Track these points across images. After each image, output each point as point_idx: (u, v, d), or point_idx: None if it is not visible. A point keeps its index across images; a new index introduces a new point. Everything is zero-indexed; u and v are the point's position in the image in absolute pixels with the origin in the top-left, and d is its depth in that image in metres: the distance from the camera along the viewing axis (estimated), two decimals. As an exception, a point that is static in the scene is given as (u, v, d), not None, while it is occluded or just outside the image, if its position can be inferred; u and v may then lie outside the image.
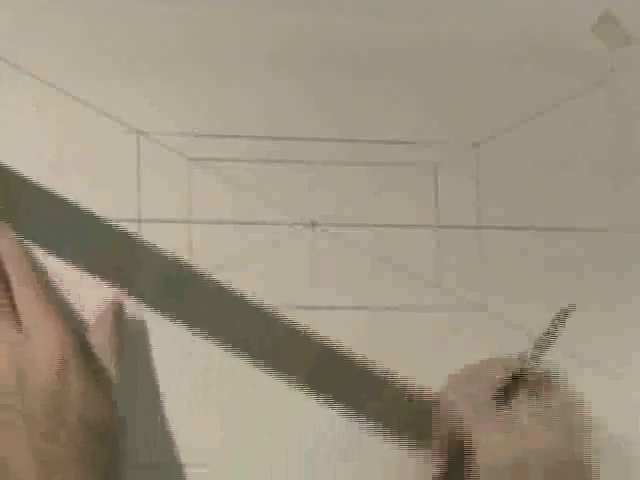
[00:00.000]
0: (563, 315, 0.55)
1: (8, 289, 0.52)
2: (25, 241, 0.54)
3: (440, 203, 0.58)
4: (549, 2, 0.61)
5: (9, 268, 0.52)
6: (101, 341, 0.53)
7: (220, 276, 0.56)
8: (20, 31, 0.55)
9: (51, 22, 0.56)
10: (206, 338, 0.55)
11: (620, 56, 0.61)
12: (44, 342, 0.50)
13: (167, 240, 0.56)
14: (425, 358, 0.58)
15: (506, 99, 0.60)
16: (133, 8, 0.57)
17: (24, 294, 0.52)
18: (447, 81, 0.59)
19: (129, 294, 0.55)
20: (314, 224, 0.57)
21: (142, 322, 0.55)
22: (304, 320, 0.56)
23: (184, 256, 0.55)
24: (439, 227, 0.58)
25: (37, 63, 0.55)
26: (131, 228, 0.55)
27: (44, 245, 0.54)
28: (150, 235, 0.55)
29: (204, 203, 0.56)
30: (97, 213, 0.55)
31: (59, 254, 0.54)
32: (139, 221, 0.56)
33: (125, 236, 0.55)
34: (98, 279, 0.55)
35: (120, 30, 0.57)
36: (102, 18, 0.56)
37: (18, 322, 0.51)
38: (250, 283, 0.56)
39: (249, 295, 0.56)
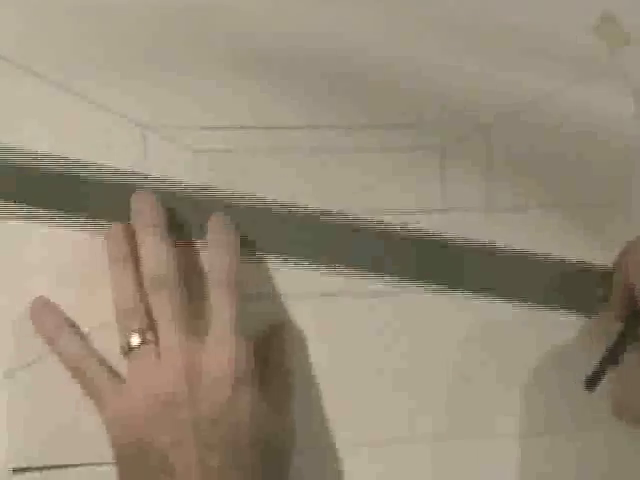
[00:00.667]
0: None
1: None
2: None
3: (448, 187, 0.58)
4: (549, 2, 0.62)
5: (217, 266, 0.52)
6: (277, 359, 0.54)
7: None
8: (21, 31, 0.56)
9: (53, 20, 0.56)
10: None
11: (620, 56, 0.62)
12: (222, 358, 0.50)
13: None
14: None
15: (507, 99, 0.60)
16: (135, 4, 0.57)
17: (219, 299, 0.51)
18: (454, 63, 0.60)
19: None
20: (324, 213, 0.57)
21: None
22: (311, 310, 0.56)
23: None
24: (447, 210, 0.58)
25: (40, 61, 0.55)
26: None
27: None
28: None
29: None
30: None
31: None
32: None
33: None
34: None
35: (124, 26, 0.57)
36: (104, 13, 0.57)
37: (198, 327, 0.51)
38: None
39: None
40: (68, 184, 0.55)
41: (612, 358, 0.53)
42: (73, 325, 0.53)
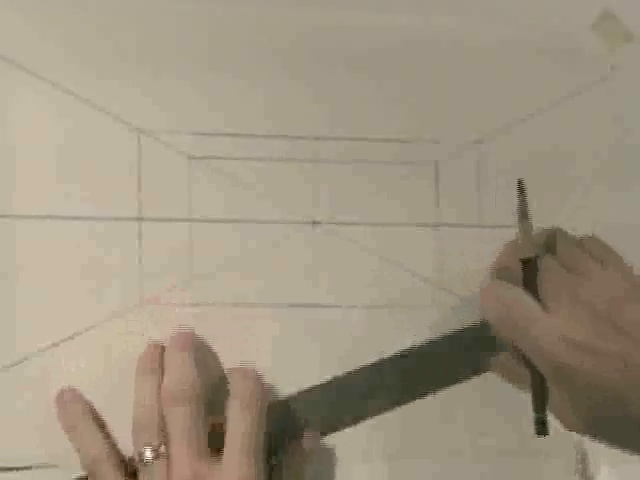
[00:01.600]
0: (520, 191, 0.54)
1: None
2: None
3: (441, 201, 0.58)
4: (549, 2, 0.61)
5: (240, 387, 0.53)
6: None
7: (220, 276, 0.56)
8: (20, 31, 0.55)
9: (52, 21, 0.56)
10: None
11: (620, 54, 0.61)
12: None
13: (167, 239, 0.56)
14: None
15: (507, 98, 0.60)
16: (133, 7, 0.57)
17: (237, 421, 0.52)
18: (448, 80, 0.59)
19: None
20: (315, 223, 0.57)
21: None
22: (304, 320, 0.56)
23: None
24: (440, 226, 0.58)
25: (37, 63, 0.55)
26: (131, 227, 0.55)
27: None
28: (151, 234, 0.55)
29: (205, 201, 0.56)
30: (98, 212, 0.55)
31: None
32: (139, 220, 0.56)
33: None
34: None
35: (121, 29, 0.57)
36: (102, 17, 0.56)
37: (215, 444, 0.52)
38: (250, 283, 0.56)
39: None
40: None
41: (541, 404, 0.52)
42: (98, 419, 0.53)
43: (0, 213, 0.54)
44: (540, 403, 0.51)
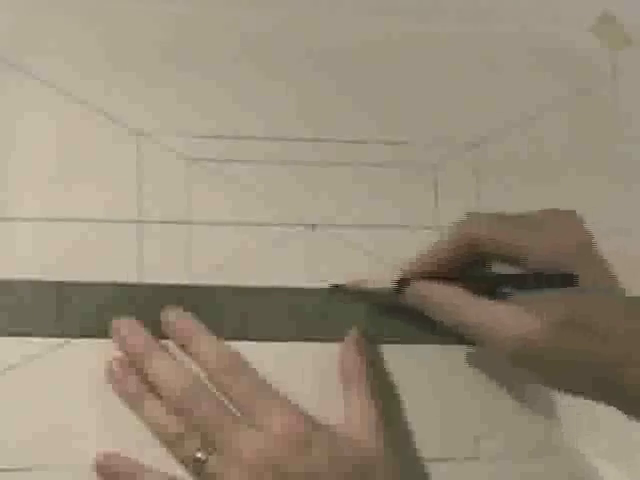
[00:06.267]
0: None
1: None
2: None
3: (440, 203, 0.58)
4: (549, 2, 0.61)
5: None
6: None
7: (220, 276, 0.56)
8: (20, 31, 0.56)
9: (51, 22, 0.56)
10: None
11: (620, 56, 0.61)
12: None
13: (167, 240, 0.56)
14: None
15: (506, 99, 0.60)
16: (133, 9, 0.57)
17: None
18: (447, 81, 0.59)
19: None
20: (314, 225, 0.57)
21: None
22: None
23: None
24: (439, 227, 0.58)
25: (37, 63, 0.56)
26: (131, 228, 0.56)
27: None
28: (150, 236, 0.56)
29: (204, 203, 0.56)
30: (97, 215, 0.55)
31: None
32: (139, 222, 0.56)
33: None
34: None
35: (120, 31, 0.57)
36: (102, 19, 0.57)
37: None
38: (249, 284, 0.56)
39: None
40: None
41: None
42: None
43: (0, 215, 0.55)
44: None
